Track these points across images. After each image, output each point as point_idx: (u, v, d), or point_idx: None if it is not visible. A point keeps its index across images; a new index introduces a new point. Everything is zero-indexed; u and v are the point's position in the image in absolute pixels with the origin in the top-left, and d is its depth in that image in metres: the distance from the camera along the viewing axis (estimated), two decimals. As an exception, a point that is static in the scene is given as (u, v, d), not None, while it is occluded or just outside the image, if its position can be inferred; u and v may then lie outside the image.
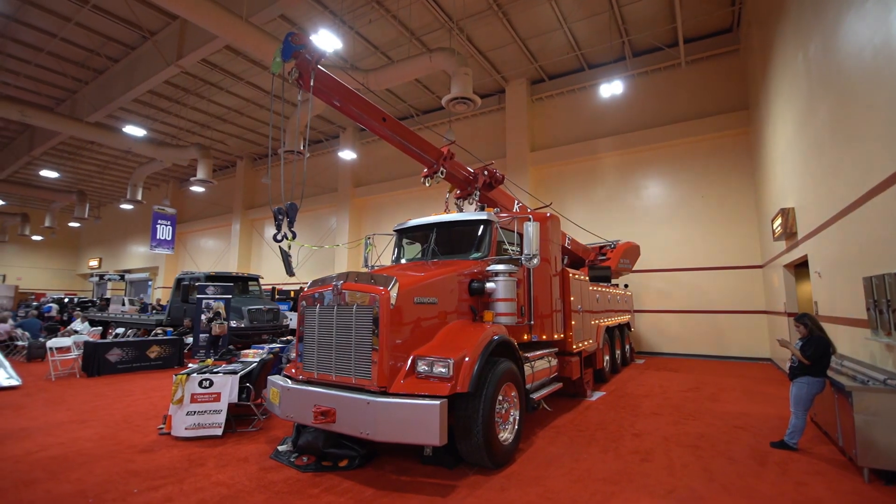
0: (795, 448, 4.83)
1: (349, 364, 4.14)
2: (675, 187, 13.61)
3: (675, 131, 13.42)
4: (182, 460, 4.52)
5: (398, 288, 4.11)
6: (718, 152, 13.01)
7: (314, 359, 4.42)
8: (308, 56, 5.35)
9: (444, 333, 4.48)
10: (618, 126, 14.46)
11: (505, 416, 4.52)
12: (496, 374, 4.31)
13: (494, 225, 5.72)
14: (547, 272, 6.41)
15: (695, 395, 7.76)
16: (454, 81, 10.81)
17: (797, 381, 4.84)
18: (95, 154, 23.59)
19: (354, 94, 6.10)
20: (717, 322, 12.58)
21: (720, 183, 12.87)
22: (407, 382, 3.96)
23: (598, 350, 8.44)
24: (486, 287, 5.04)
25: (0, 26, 13.13)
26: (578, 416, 6.31)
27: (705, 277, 12.87)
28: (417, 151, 7.10)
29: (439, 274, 4.74)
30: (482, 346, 4.28)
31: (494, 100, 16.85)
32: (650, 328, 13.59)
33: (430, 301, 4.45)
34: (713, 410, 6.63)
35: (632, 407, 6.87)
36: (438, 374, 3.94)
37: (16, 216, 28.83)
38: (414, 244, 6.56)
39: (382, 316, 3.99)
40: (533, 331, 6.15)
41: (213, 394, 5.25)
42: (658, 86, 14.08)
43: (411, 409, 3.68)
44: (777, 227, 8.60)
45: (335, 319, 4.31)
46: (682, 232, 13.28)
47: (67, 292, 32.62)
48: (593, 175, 14.96)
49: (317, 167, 22.15)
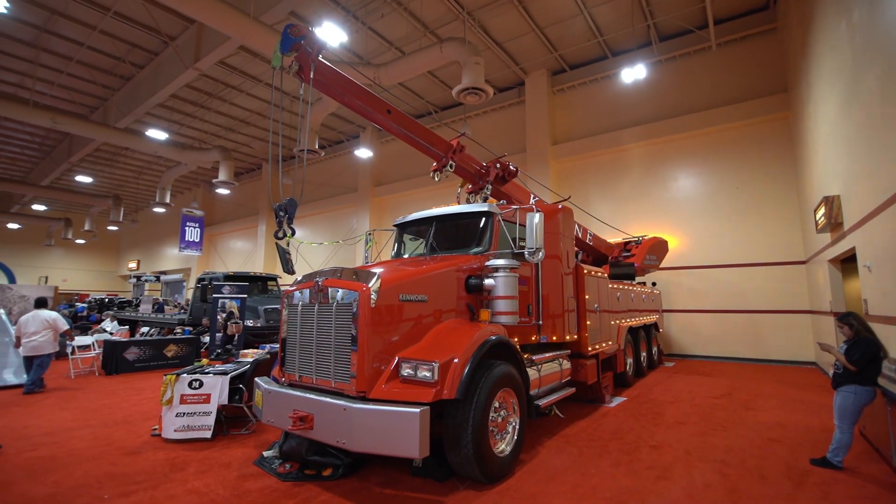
0: (840, 467, 4.21)
1: (329, 366, 3.85)
2: (706, 178, 12.73)
3: (705, 119, 12.55)
4: (164, 464, 4.36)
5: (380, 284, 3.79)
6: (754, 139, 12.07)
7: (295, 360, 4.16)
8: (308, 48, 5.15)
9: (434, 334, 4.13)
10: (644, 115, 13.69)
11: (501, 424, 4.11)
12: (490, 378, 3.92)
13: (496, 217, 5.32)
14: (557, 268, 5.95)
15: (726, 401, 7.08)
16: (465, 71, 10.41)
17: (842, 390, 4.21)
18: (130, 160, 24.54)
19: (356, 85, 5.85)
20: (755, 323, 11.65)
21: (756, 172, 11.93)
22: (388, 387, 3.63)
23: (619, 352, 7.87)
24: (484, 284, 4.65)
25: (31, 37, 13.70)
26: (592, 424, 5.81)
27: (742, 275, 11.95)
28: (425, 145, 6.82)
29: (431, 269, 4.39)
30: (474, 348, 3.90)
31: (514, 93, 16.35)
32: (681, 329, 12.76)
33: (418, 298, 4.10)
34: (746, 420, 5.98)
35: (654, 415, 6.30)
36: (422, 378, 3.59)
37: (59, 221, 30.40)
38: (417, 240, 6.24)
39: (362, 314, 3.68)
40: (542, 331, 5.71)
41: (203, 395, 5.09)
42: (687, 71, 13.22)
43: (389, 416, 3.35)
44: (820, 217, 7.77)
45: (316, 318, 4.03)
46: (716, 226, 12.39)
47: (109, 293, 34.16)
48: (618, 168, 14.23)
49: (337, 167, 22.24)
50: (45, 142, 22.36)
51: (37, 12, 12.58)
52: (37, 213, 30.59)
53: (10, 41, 13.77)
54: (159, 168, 25.38)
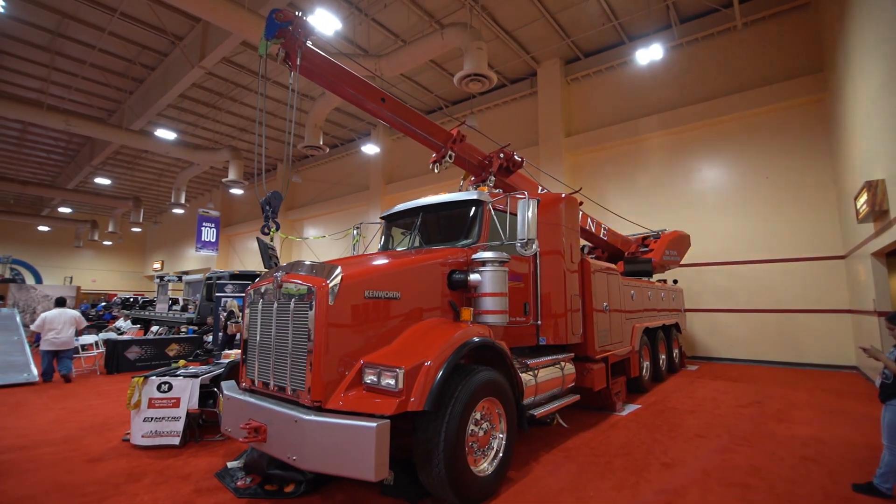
0: (889, 495, 3.53)
1: (286, 371, 3.44)
2: (733, 168, 11.84)
3: (731, 104, 11.65)
4: (120, 474, 4.04)
5: (341, 279, 3.35)
6: (785, 124, 11.13)
7: (255, 364, 3.76)
8: (295, 34, 4.81)
9: (407, 335, 3.66)
10: (664, 103, 12.87)
11: (483, 439, 3.61)
12: (469, 386, 3.43)
13: (486, 206, 4.80)
14: (558, 263, 5.40)
15: (755, 411, 6.36)
16: (466, 57, 9.89)
17: (892, 404, 3.54)
18: (151, 162, 25.01)
19: (347, 73, 5.53)
20: (788, 323, 10.72)
21: (789, 160, 10.99)
22: (348, 397, 3.19)
23: (633, 355, 7.22)
24: (469, 279, 4.16)
25: (46, 42, 13.91)
26: (599, 437, 5.23)
27: (773, 271, 11.03)
28: (423, 135, 6.48)
29: (405, 263, 3.92)
30: (450, 351, 3.41)
31: (526, 84, 15.72)
32: (706, 330, 11.91)
33: (388, 295, 3.64)
34: (776, 434, 5.29)
35: (670, 426, 5.67)
36: (386, 386, 3.13)
37: (86, 223, 31.34)
38: (407, 233, 5.79)
39: (318, 313, 3.24)
40: (541, 333, 5.19)
41: (172, 399, 4.77)
42: (710, 54, 12.34)
43: (343, 431, 2.90)
44: (862, 205, 6.94)
45: (274, 317, 3.62)
46: (744, 219, 11.49)
47: (136, 293, 35.13)
48: (636, 159, 13.45)
49: (349, 166, 22.06)
50: (69, 146, 22.97)
51: (48, 16, 12.73)
52: (64, 215, 31.62)
53: (26, 46, 14.03)
54: (178, 170, 25.79)
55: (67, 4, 12.27)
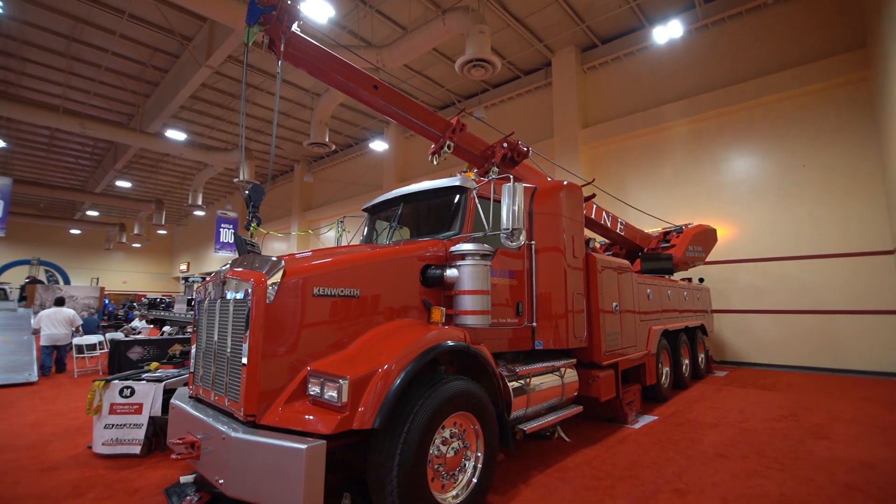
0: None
1: (224, 378, 3.02)
2: (765, 156, 10.87)
3: (762, 87, 10.71)
4: (67, 486, 3.72)
5: (283, 274, 2.91)
6: (823, 107, 10.12)
7: (199, 369, 3.37)
8: (278, 18, 4.49)
9: (367, 339, 3.19)
10: (688, 89, 11.99)
11: (453, 461, 3.10)
12: (434, 399, 2.92)
13: (470, 193, 4.29)
14: (557, 259, 4.84)
15: (789, 426, 5.59)
16: (468, 42, 9.35)
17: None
18: (173, 166, 25.52)
19: (336, 59, 5.16)
20: (830, 325, 9.71)
21: (828, 146, 9.98)
22: (286, 411, 2.73)
23: (650, 360, 6.54)
24: (445, 275, 3.66)
25: (64, 47, 14.18)
26: (603, 454, 4.62)
27: (812, 268, 10.04)
28: (420, 124, 6.08)
29: (366, 257, 3.45)
30: (409, 358, 2.92)
31: (540, 75, 15.04)
32: (737, 332, 10.97)
33: (345, 293, 3.17)
34: (815, 454, 4.55)
35: (688, 441, 5.00)
36: (328, 399, 2.67)
37: (115, 226, 32.38)
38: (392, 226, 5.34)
39: (255, 313, 2.81)
40: (537, 336, 4.63)
41: (135, 405, 4.45)
42: (736, 35, 11.40)
43: (271, 453, 2.45)
44: (917, 191, 6.06)
45: (217, 317, 3.22)
46: (778, 212, 10.53)
47: (164, 294, 36.14)
48: (658, 150, 12.60)
49: (363, 165, 21.86)
50: (94, 151, 23.66)
51: (63, 21, 12.93)
52: (93, 219, 32.75)
53: (46, 52, 14.35)
54: (198, 172, 26.25)
55: (80, 8, 12.42)
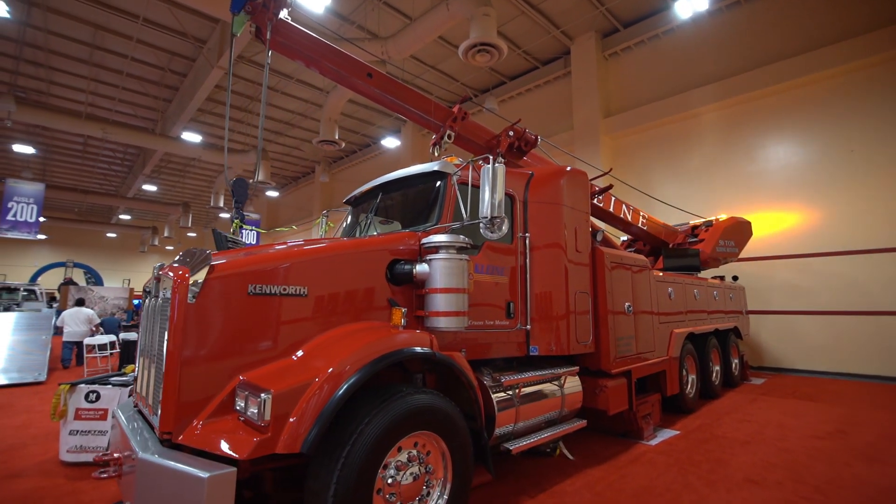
0: None
1: (150, 388, 2.67)
2: (807, 142, 9.86)
3: (803, 65, 9.72)
4: (19, 497, 3.49)
5: (209, 271, 2.52)
6: (873, 85, 9.07)
7: (140, 375, 3.04)
8: (264, 6, 4.24)
9: (315, 345, 2.76)
10: (719, 71, 11.08)
11: (409, 491, 2.62)
12: (384, 417, 2.47)
13: (450, 179, 3.81)
14: (557, 254, 4.30)
15: (835, 445, 4.82)
16: (472, 26, 8.83)
17: None
18: (199, 169, 26.12)
19: (327, 46, 4.87)
20: (884, 327, 8.66)
21: (878, 129, 8.92)
22: (207, 428, 2.34)
23: (671, 366, 5.87)
24: (414, 271, 3.20)
25: (87, 55, 14.57)
26: (610, 476, 4.04)
27: (863, 264, 9.00)
28: (418, 113, 5.75)
29: (318, 252, 3.03)
30: (354, 368, 2.48)
31: (559, 64, 14.35)
32: (776, 335, 10.00)
33: (288, 292, 2.76)
34: (865, 481, 3.82)
35: (713, 463, 4.34)
36: (251, 416, 2.26)
37: (148, 229, 33.59)
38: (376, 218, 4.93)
39: (175, 315, 2.43)
40: (532, 340, 4.12)
41: (100, 410, 4.21)
42: (771, 10, 10.43)
43: (175, 479, 2.06)
44: None
45: (148, 318, 2.88)
46: (822, 203, 9.52)
47: (196, 295, 37.33)
48: (686, 138, 11.73)
49: (381, 165, 21.61)
50: (125, 157, 24.48)
51: (83, 28, 13.26)
52: (126, 222, 34.10)
53: (71, 61, 14.79)
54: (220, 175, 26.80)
55: (98, 15, 12.68)
